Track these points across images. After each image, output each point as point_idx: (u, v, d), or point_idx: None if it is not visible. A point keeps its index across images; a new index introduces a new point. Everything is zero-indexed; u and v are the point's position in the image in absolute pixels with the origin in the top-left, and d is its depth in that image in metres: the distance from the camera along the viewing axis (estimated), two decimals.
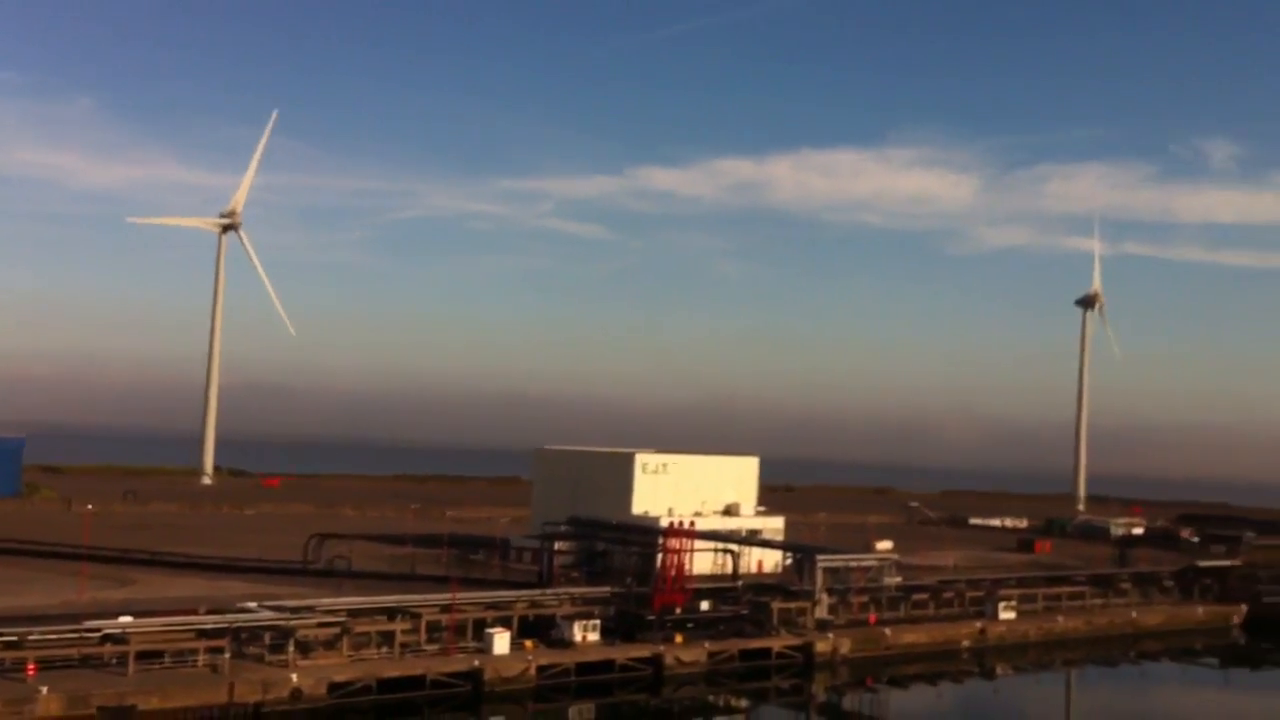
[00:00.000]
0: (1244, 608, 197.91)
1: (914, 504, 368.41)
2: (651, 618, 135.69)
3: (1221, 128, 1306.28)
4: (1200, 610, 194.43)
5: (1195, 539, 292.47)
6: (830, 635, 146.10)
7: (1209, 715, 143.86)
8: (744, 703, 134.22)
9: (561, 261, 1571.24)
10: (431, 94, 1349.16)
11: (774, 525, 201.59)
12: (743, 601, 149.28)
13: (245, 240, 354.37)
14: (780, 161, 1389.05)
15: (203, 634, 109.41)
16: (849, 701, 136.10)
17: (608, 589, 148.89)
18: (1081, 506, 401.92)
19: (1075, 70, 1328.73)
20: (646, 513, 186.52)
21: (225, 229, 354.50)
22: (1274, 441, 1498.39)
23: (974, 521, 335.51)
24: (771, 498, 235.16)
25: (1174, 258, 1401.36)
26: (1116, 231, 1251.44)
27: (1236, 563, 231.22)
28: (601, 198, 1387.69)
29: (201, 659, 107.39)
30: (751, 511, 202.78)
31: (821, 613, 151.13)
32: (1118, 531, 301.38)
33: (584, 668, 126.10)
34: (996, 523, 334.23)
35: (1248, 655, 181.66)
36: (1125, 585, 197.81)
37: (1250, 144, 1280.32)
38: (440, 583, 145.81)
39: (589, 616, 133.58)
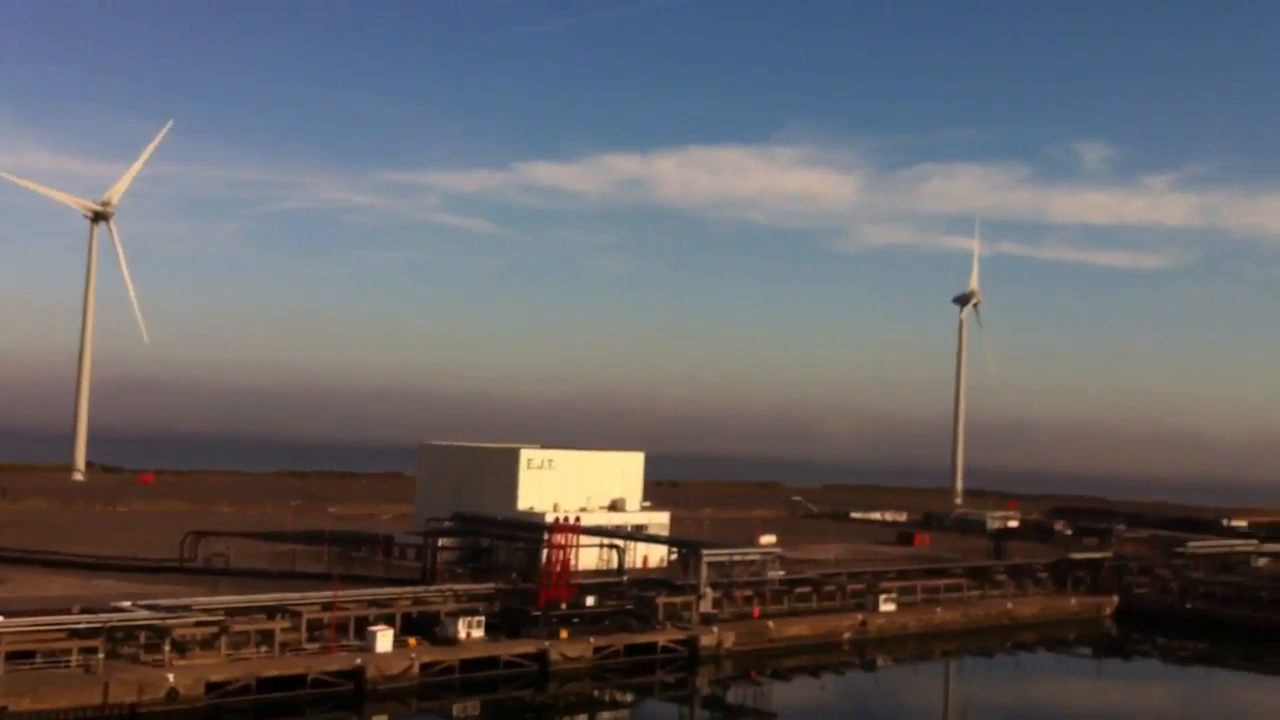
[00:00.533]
0: (1115, 599, 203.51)
1: (797, 498, 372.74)
2: (537, 613, 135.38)
3: (1094, 131, 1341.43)
4: (1073, 601, 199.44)
5: (1068, 532, 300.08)
6: (715, 629, 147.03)
7: (1082, 704, 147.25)
8: (629, 697, 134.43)
9: (446, 256, 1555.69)
10: (312, 84, 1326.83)
11: (659, 520, 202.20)
12: (628, 596, 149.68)
13: (114, 233, 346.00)
14: (667, 158, 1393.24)
15: (76, 634, 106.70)
16: (733, 694, 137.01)
17: (492, 585, 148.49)
18: (959, 500, 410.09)
19: (954, 72, 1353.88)
20: (532, 508, 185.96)
21: (97, 217, 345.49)
22: (1143, 436, 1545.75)
23: (855, 515, 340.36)
24: (657, 493, 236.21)
25: (1048, 257, 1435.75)
26: (993, 231, 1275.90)
27: (1108, 555, 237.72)
28: (487, 192, 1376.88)
29: (75, 659, 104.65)
30: (637, 507, 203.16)
31: (706, 607, 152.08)
32: (994, 525, 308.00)
33: (468, 665, 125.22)
34: (877, 516, 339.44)
35: (1119, 645, 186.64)
36: (1001, 577, 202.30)
37: (1122, 147, 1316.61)
38: (322, 580, 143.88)
39: (473, 613, 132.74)
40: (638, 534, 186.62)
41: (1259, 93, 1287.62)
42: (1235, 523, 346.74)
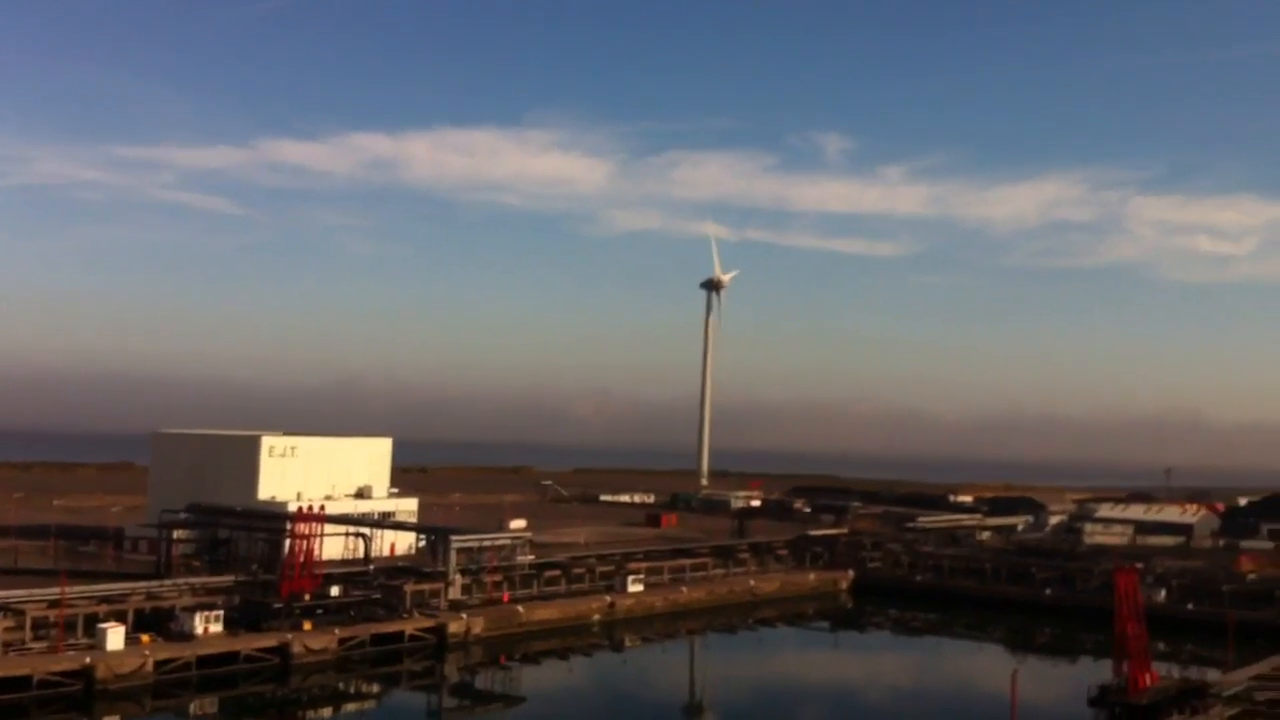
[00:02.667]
0: (851, 573, 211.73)
1: (548, 482, 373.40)
2: (278, 606, 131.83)
3: (835, 122, 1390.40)
4: (812, 577, 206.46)
5: (807, 510, 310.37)
6: (463, 615, 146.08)
7: (820, 675, 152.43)
8: (376, 688, 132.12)
9: (182, 236, 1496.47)
10: (36, 53, 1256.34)
11: (407, 507, 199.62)
12: (375, 585, 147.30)
13: None
14: (418, 139, 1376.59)
15: None
16: (482, 680, 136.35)
17: (231, 578, 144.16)
18: (705, 481, 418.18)
19: (703, 62, 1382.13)
20: (274, 497, 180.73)
21: None
22: (876, 416, 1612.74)
23: (605, 498, 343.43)
24: (405, 479, 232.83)
25: (790, 244, 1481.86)
26: (739, 218, 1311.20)
27: (844, 531, 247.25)
28: (228, 170, 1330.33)
29: None
30: (384, 494, 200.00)
31: (455, 593, 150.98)
32: (737, 504, 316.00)
33: (206, 660, 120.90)
34: (626, 499, 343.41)
35: (854, 618, 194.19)
36: (744, 555, 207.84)
37: (860, 138, 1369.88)
38: (48, 576, 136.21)
39: (211, 607, 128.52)
40: (385, 521, 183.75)
41: (987, 88, 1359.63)
42: (960, 498, 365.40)
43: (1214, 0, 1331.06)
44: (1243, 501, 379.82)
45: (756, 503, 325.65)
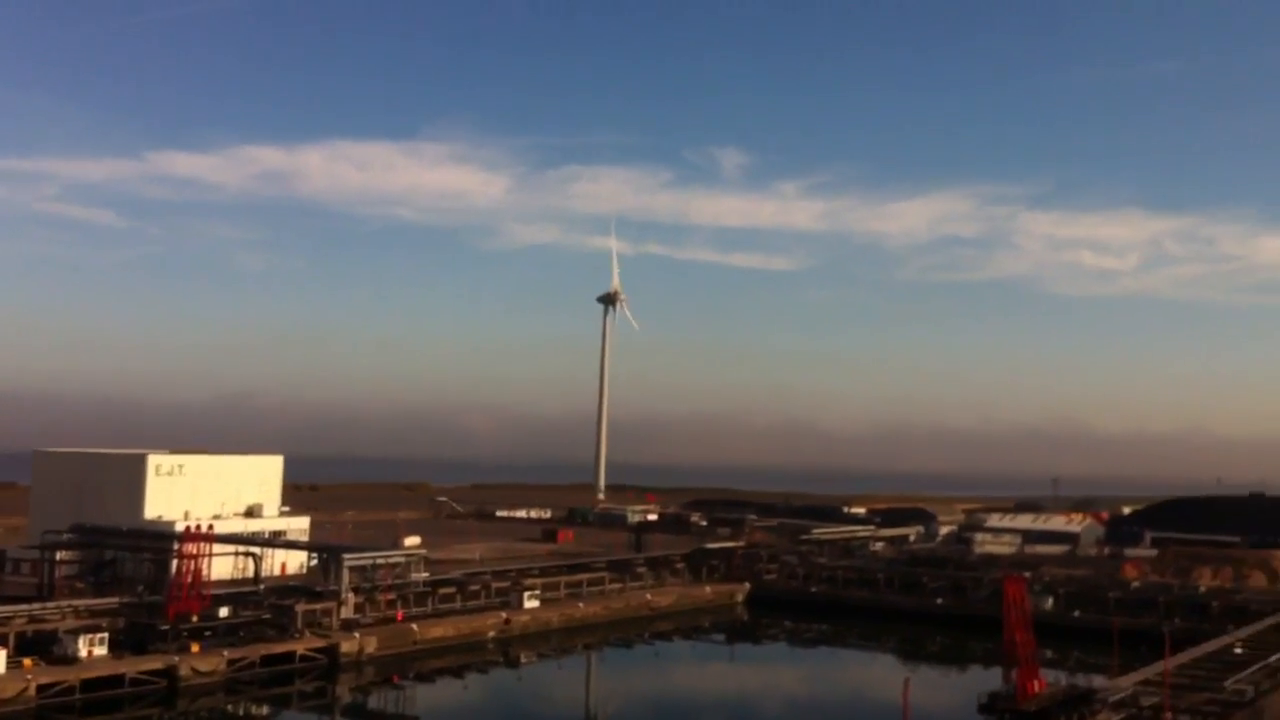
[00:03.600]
0: (747, 586, 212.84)
1: (443, 499, 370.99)
2: (165, 627, 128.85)
3: (732, 138, 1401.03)
4: (709, 590, 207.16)
5: (704, 523, 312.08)
6: (356, 635, 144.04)
7: (717, 688, 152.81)
8: (266, 710, 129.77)
9: (66, 249, 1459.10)
10: None
11: (299, 525, 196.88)
12: (265, 605, 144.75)
13: None
14: (311, 152, 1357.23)
15: None
16: (375, 700, 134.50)
17: (117, 599, 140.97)
18: (602, 495, 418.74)
19: (600, 77, 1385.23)
20: (160, 517, 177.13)
21: None
22: (772, 429, 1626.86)
23: (501, 514, 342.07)
24: (296, 497, 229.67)
25: (688, 258, 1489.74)
26: (638, 232, 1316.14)
27: (740, 544, 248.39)
28: (115, 182, 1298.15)
29: None
30: (275, 512, 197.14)
31: (347, 612, 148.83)
32: (634, 518, 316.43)
33: (91, 684, 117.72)
34: (523, 514, 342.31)
35: (750, 630, 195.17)
36: (641, 569, 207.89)
37: (756, 154, 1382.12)
38: None
39: (96, 630, 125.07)
40: (275, 540, 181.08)
41: (880, 106, 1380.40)
42: (854, 510, 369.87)
43: (1096, 22, 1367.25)
44: (1126, 510, 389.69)
45: (653, 516, 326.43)
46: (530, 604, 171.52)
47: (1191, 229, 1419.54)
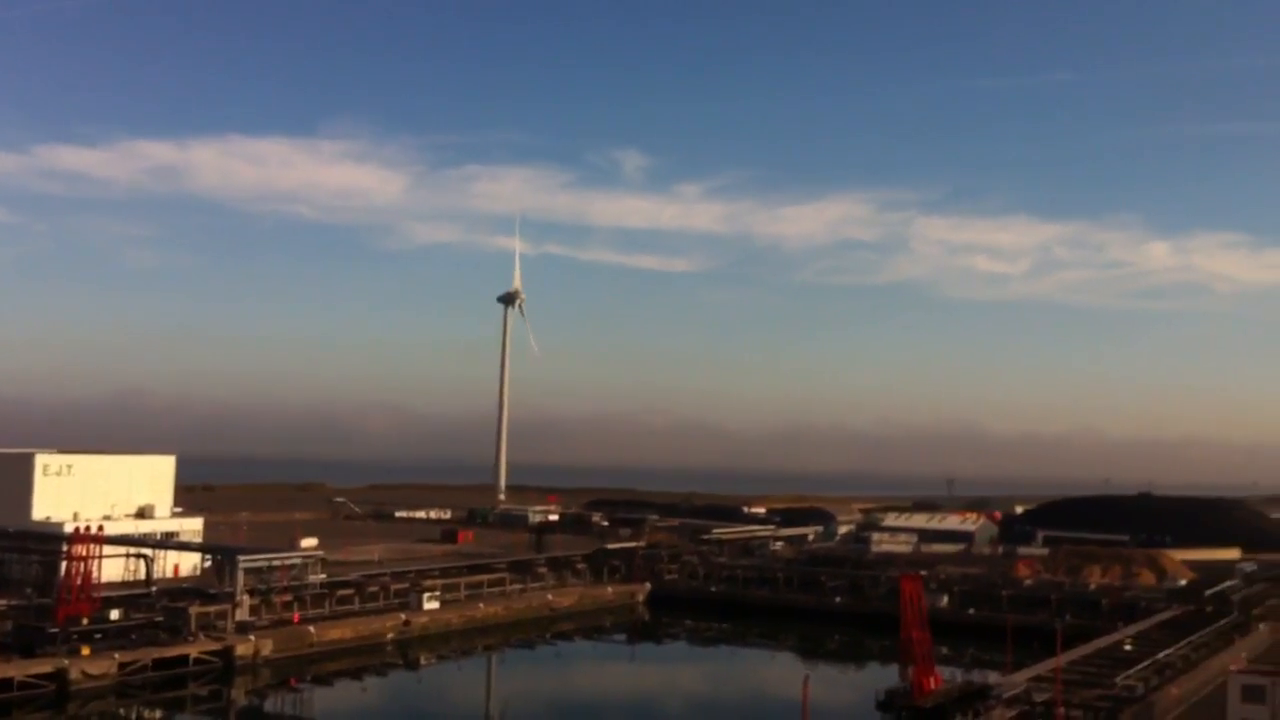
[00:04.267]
0: (648, 585, 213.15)
1: (340, 499, 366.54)
2: (54, 630, 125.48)
3: (633, 140, 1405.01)
4: (610, 590, 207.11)
5: (605, 523, 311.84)
6: (252, 637, 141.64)
7: (618, 688, 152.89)
8: (159, 714, 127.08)
9: None
10: None
11: (192, 526, 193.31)
12: (157, 608, 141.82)
13: None
14: (204, 147, 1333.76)
15: None
16: (271, 704, 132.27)
17: (4, 602, 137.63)
18: (503, 496, 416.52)
19: (501, 77, 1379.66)
20: (49, 518, 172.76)
21: None
22: (672, 429, 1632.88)
23: (400, 515, 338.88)
24: (189, 498, 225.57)
25: (589, 259, 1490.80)
26: (538, 232, 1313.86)
27: (641, 544, 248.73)
28: (1, 177, 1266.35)
29: None
30: (168, 513, 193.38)
31: (243, 615, 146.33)
32: (535, 519, 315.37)
33: None
34: (422, 515, 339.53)
35: (651, 630, 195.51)
36: (542, 570, 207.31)
37: (658, 157, 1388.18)
38: None
39: None
40: (168, 542, 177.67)
41: (780, 110, 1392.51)
42: (754, 510, 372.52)
43: (990, 32, 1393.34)
44: (1019, 510, 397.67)
45: (554, 517, 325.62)
46: (430, 605, 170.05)
47: (1081, 235, 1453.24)
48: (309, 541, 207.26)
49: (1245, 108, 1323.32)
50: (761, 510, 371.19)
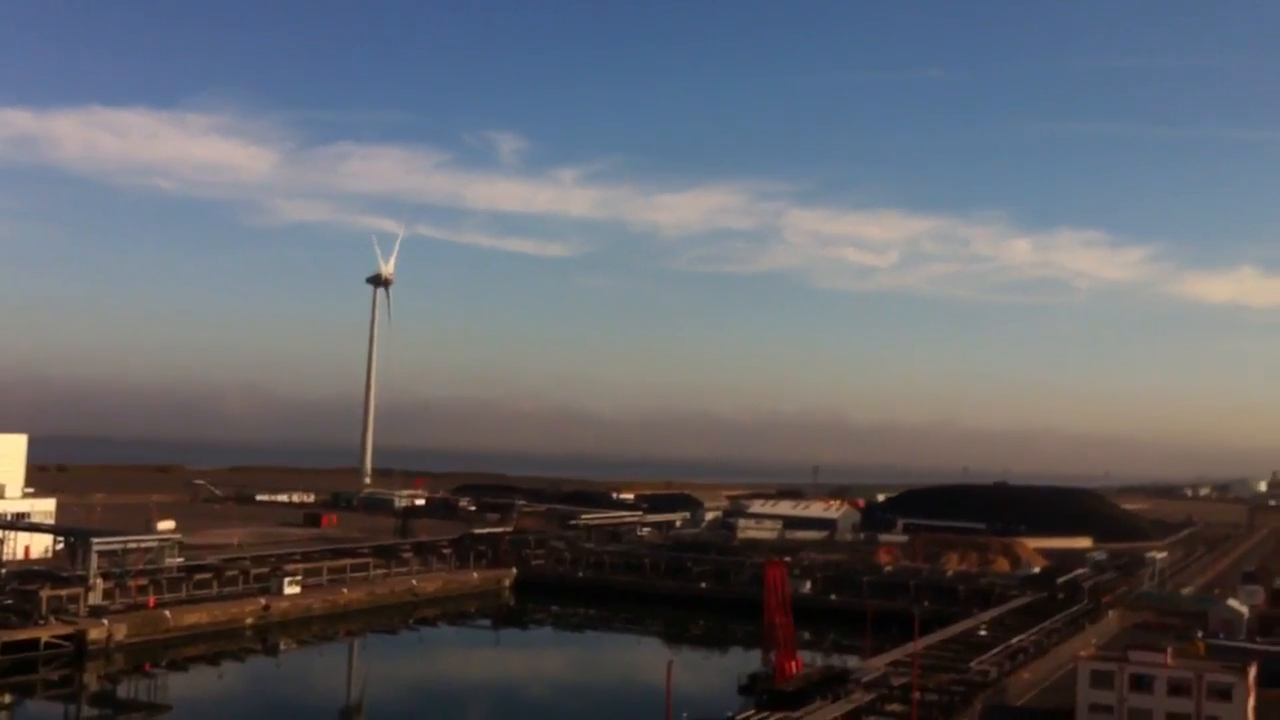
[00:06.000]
0: (514, 571, 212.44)
1: (200, 482, 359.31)
2: None
3: (509, 122, 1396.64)
4: (475, 575, 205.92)
5: (472, 508, 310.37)
6: (105, 621, 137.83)
7: (482, 673, 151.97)
8: (7, 699, 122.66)
9: None
10: None
11: (44, 508, 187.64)
12: (7, 590, 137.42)
13: None
14: (65, 117, 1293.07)
15: None
16: (125, 689, 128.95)
17: None
18: (368, 480, 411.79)
19: (376, 54, 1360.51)
20: None
21: None
22: (541, 415, 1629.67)
23: (262, 498, 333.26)
24: (41, 478, 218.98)
25: (463, 242, 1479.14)
26: (411, 213, 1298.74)
27: (508, 529, 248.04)
28: None
29: None
30: (18, 493, 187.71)
31: (96, 598, 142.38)
32: (401, 503, 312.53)
33: None
34: (285, 498, 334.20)
35: (517, 615, 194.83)
36: (407, 554, 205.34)
37: (534, 140, 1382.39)
38: None
39: None
40: (18, 523, 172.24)
41: (657, 100, 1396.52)
42: (623, 495, 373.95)
43: (862, 27, 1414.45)
44: (881, 498, 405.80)
45: (421, 501, 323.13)
46: (291, 590, 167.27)
47: (948, 230, 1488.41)
48: (166, 524, 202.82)
49: (1109, 108, 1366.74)
50: (629, 496, 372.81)
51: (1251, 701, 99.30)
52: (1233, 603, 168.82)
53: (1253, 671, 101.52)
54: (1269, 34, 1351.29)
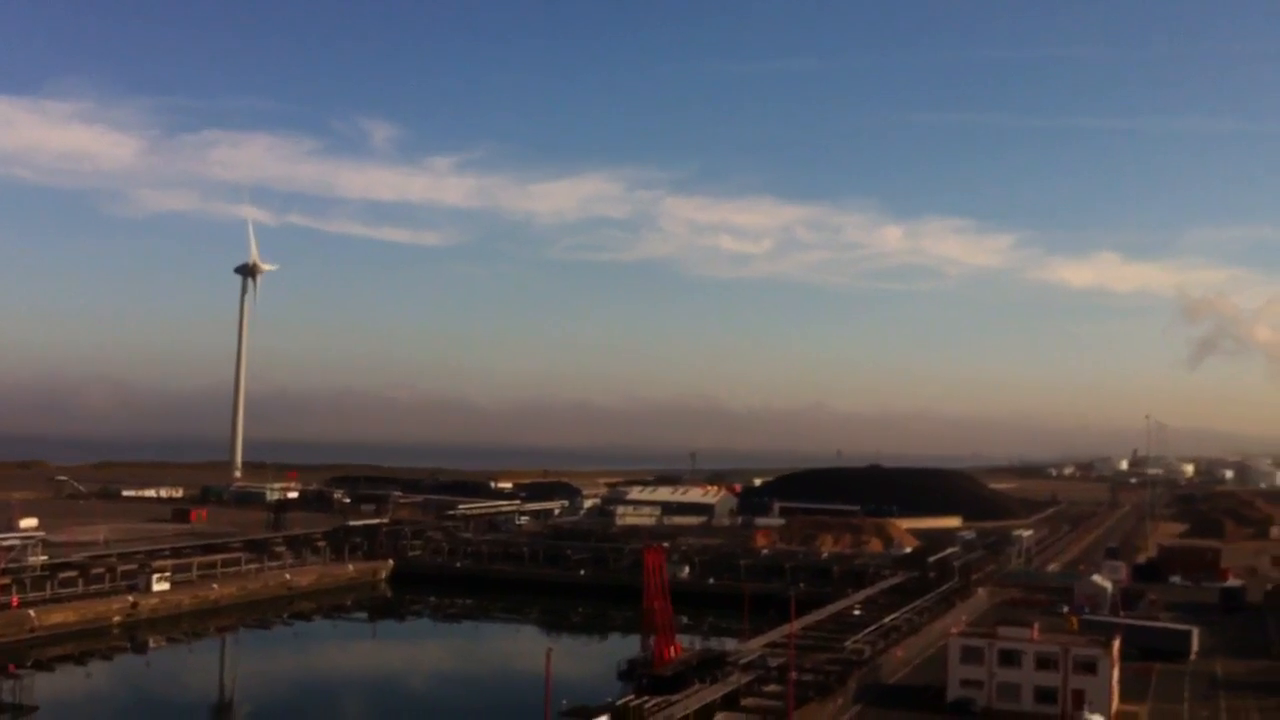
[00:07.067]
0: (391, 562, 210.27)
1: (62, 478, 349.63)
2: None
3: (382, 110, 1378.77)
4: (351, 568, 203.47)
5: (347, 500, 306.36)
6: None
7: (360, 666, 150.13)
8: None
9: None
10: None
11: None
12: None
13: None
14: None
15: None
16: None
17: None
18: (239, 473, 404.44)
19: (242, 38, 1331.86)
20: None
21: None
22: (417, 404, 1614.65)
23: (128, 493, 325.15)
24: None
25: (336, 231, 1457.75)
26: (282, 202, 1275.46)
27: (384, 521, 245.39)
28: None
29: None
30: None
31: None
32: (274, 496, 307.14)
33: None
34: (152, 493, 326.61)
35: (394, 607, 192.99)
36: (280, 548, 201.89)
37: (408, 128, 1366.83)
38: None
39: None
40: None
41: (531, 88, 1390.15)
42: (501, 485, 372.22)
43: (737, 17, 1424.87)
44: (757, 482, 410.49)
45: (294, 494, 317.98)
46: (160, 587, 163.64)
47: (821, 218, 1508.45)
48: (29, 522, 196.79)
49: (976, 99, 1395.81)
50: (508, 485, 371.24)
51: (1116, 673, 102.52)
52: (1097, 578, 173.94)
53: (1116, 645, 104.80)
54: (1127, 25, 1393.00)
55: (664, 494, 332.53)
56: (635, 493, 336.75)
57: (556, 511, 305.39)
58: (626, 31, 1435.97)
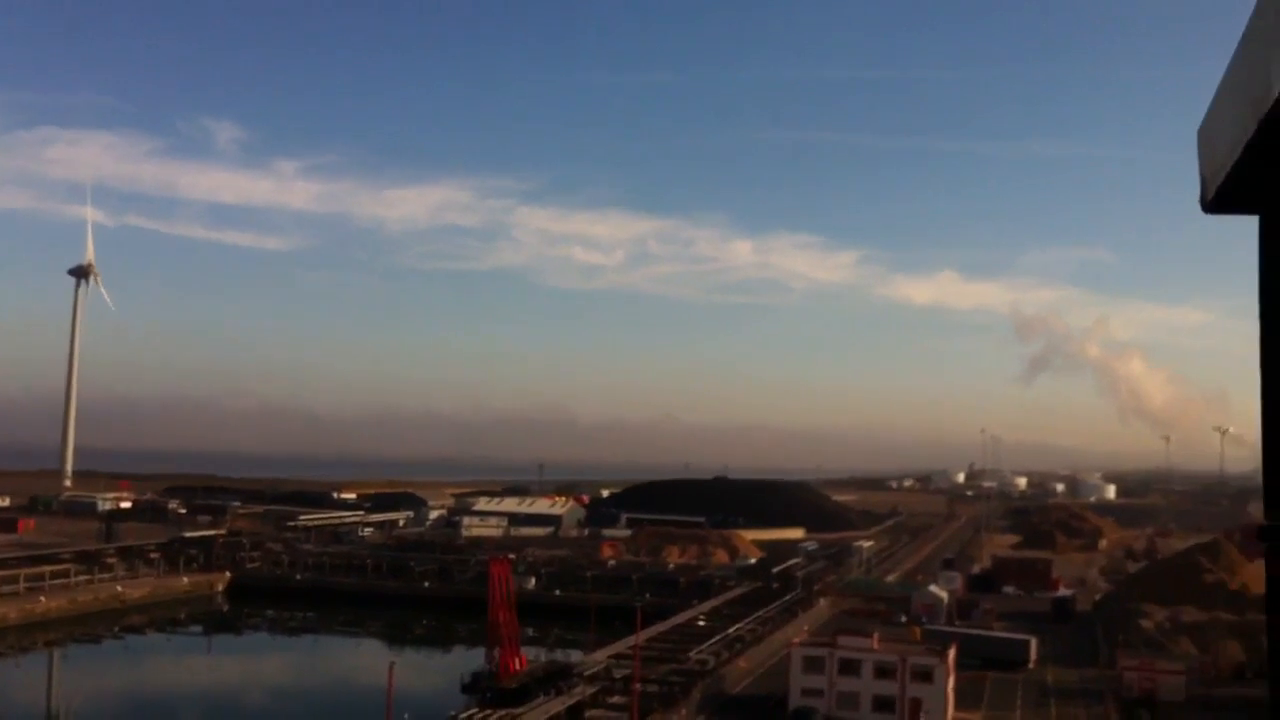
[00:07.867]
0: (228, 574, 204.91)
1: None
2: None
3: (227, 110, 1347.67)
4: (186, 580, 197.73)
5: (182, 510, 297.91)
6: None
7: (194, 682, 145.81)
8: None
9: None
10: None
11: None
12: None
13: None
14: None
15: None
16: None
17: None
18: (69, 482, 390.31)
19: (80, 33, 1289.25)
20: None
21: None
22: (256, 413, 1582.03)
23: None
24: None
25: (177, 233, 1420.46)
26: (120, 203, 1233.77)
27: (222, 532, 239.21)
28: None
29: None
30: None
31: None
32: (105, 506, 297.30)
33: None
34: None
35: (230, 620, 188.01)
36: (112, 560, 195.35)
37: (254, 130, 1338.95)
38: None
39: None
40: None
41: (382, 93, 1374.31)
42: (345, 495, 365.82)
43: (592, 27, 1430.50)
44: (605, 493, 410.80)
45: (127, 504, 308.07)
46: None
47: (673, 231, 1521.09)
48: None
49: (822, 117, 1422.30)
50: (352, 496, 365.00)
51: (951, 682, 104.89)
52: (933, 588, 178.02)
53: (952, 653, 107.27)
54: (973, 50, 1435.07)
55: (511, 505, 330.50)
56: (482, 504, 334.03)
57: (401, 523, 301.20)
58: (479, 40, 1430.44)
